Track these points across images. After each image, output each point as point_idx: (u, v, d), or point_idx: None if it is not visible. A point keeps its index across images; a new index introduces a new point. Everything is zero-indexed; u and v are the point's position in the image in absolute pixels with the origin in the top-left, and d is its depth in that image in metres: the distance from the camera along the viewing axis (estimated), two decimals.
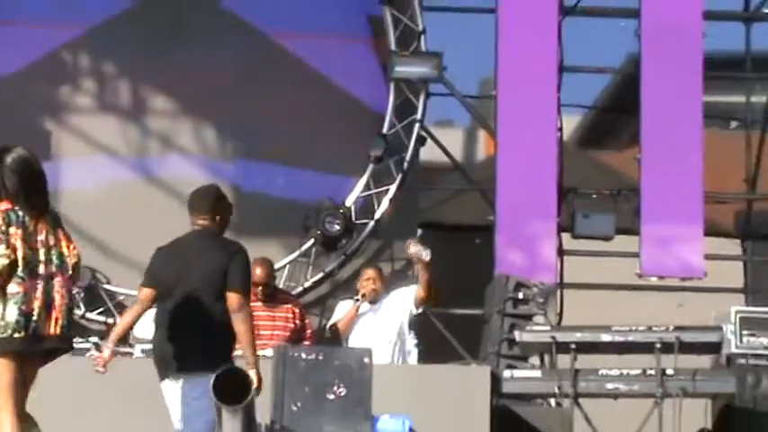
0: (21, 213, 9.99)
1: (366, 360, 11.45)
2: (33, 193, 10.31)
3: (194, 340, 11.09)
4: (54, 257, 9.91)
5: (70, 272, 9.97)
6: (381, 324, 15.68)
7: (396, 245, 20.44)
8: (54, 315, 9.78)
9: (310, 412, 10.15)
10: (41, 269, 9.76)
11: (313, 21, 21.05)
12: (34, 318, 9.61)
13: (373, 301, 15.83)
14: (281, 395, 10.51)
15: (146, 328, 15.37)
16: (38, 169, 10.47)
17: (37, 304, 9.70)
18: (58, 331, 9.92)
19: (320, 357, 11.61)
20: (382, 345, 15.13)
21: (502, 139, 20.57)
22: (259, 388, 11.05)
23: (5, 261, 9.68)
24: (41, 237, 9.97)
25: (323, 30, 21.05)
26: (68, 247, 10.17)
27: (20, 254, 9.65)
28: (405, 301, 15.71)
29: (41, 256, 9.84)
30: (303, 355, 11.52)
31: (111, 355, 11.44)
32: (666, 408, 15.90)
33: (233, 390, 9.40)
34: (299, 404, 10.24)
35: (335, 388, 10.40)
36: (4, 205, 10.11)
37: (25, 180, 10.29)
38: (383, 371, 13.48)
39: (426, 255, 15.52)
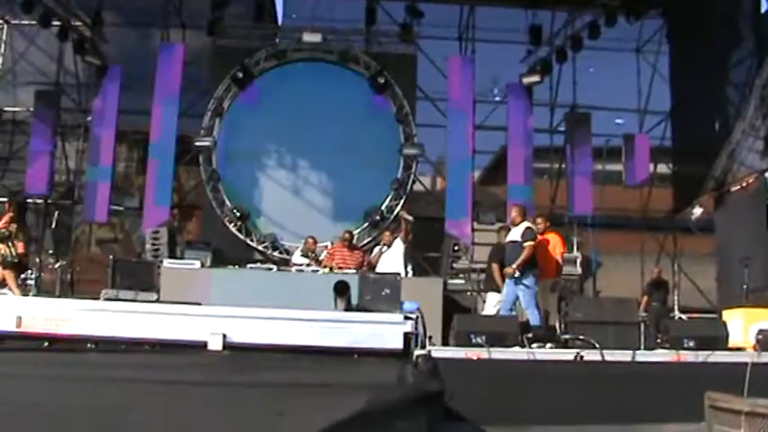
0: None
1: (398, 278, 12.10)
2: None
3: None
4: None
5: None
6: (395, 257, 15.88)
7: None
8: None
9: (374, 300, 10.68)
10: None
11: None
12: None
13: (389, 245, 16.22)
14: (362, 292, 11.10)
15: (298, 258, 17.17)
16: None
17: None
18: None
19: (377, 276, 12.58)
20: (398, 268, 15.23)
21: (449, 180, 21.55)
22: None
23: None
24: None
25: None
26: None
27: None
28: (400, 244, 15.97)
29: None
30: (370, 276, 12.32)
31: None
32: None
33: (343, 288, 10.33)
34: (368, 297, 10.84)
35: (385, 289, 10.99)
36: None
37: None
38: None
39: (410, 217, 16.43)
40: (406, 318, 8.17)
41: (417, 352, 7.94)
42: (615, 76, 23.32)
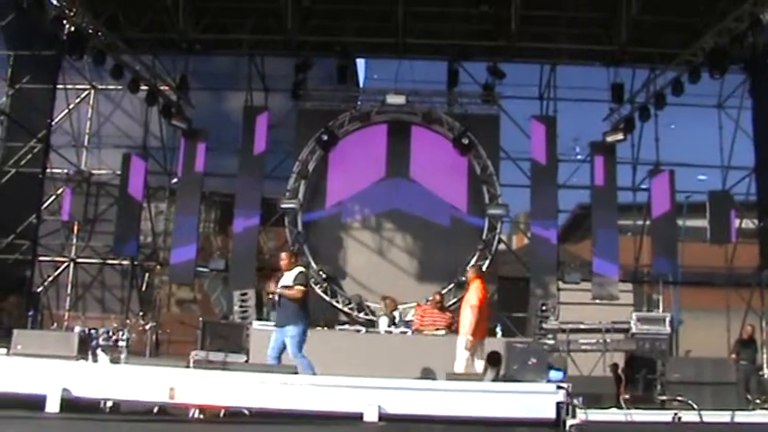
0: None
1: (541, 348, 12.55)
2: None
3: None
4: None
5: None
6: None
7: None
8: None
9: (522, 370, 10.73)
10: None
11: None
12: None
13: None
14: (510, 362, 11.31)
15: (384, 325, 17.05)
16: None
17: None
18: None
19: (524, 346, 12.79)
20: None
21: (531, 239, 22.11)
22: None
23: None
24: None
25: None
26: None
27: None
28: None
29: None
30: (517, 345, 12.47)
31: None
32: (607, 356, 16.97)
33: (496, 359, 10.53)
34: (515, 366, 10.91)
35: (532, 359, 11.00)
36: None
37: None
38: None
39: None
40: (559, 387, 8.34)
41: (570, 422, 8.17)
42: (697, 131, 23.61)
